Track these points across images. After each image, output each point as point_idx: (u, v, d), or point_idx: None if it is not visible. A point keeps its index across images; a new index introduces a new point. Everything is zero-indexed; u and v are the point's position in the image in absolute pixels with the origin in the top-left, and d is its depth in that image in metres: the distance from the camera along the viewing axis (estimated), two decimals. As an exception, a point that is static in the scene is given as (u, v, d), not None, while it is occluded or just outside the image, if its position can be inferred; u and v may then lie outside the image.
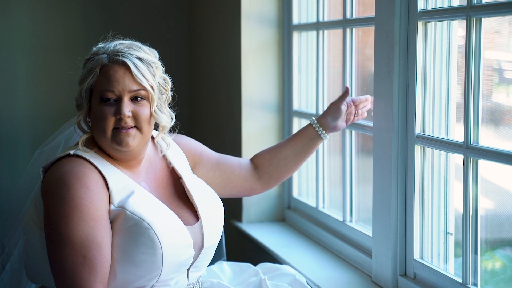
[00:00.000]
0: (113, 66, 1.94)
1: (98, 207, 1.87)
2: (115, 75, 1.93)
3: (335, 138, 2.85)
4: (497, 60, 2.02)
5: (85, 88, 1.96)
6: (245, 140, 3.10)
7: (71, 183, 1.87)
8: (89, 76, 1.95)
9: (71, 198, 1.85)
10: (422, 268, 2.16)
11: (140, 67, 1.95)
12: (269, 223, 3.13)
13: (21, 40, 3.66)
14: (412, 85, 2.16)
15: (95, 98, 1.95)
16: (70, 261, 1.83)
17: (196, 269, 2.06)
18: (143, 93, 1.95)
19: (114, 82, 1.92)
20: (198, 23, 3.72)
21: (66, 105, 3.70)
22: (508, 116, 2.01)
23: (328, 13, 2.84)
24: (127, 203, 1.91)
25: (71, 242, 1.83)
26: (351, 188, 2.66)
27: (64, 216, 1.84)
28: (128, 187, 1.95)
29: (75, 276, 1.82)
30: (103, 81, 1.94)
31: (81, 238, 1.83)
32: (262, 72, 3.10)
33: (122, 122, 1.92)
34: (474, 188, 1.95)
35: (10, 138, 3.67)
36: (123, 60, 1.93)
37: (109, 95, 1.93)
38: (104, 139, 1.95)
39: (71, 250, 1.83)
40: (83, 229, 1.84)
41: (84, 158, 1.93)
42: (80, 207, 1.85)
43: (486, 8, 1.89)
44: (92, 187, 1.88)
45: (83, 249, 1.83)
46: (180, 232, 1.96)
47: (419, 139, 2.15)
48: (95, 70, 1.94)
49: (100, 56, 1.96)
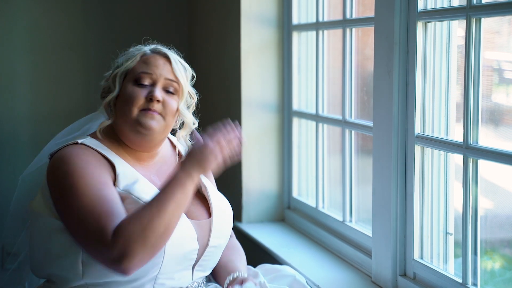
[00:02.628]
0: (155, 55, 2.04)
1: (102, 175, 1.90)
2: (155, 62, 2.03)
3: (335, 138, 2.86)
4: (497, 60, 2.02)
5: (121, 71, 2.02)
6: (244, 140, 3.10)
7: (71, 159, 1.90)
8: (128, 61, 2.03)
9: (73, 170, 1.88)
10: (422, 268, 2.16)
11: (178, 64, 2.06)
12: (269, 223, 3.13)
13: (21, 40, 3.66)
14: (411, 85, 2.16)
15: (129, 81, 2.01)
16: (89, 223, 1.82)
17: (201, 268, 2.05)
18: (176, 86, 2.03)
19: (153, 67, 2.01)
20: (198, 23, 3.72)
21: (66, 105, 3.71)
22: (507, 116, 2.01)
23: (328, 13, 2.84)
24: (133, 188, 1.94)
25: (83, 207, 1.83)
26: (350, 188, 2.66)
27: (71, 188, 1.86)
28: (133, 176, 1.98)
29: (97, 228, 1.81)
30: (142, 66, 2.02)
31: (92, 200, 1.84)
32: (262, 72, 3.10)
33: (151, 105, 1.98)
34: (473, 188, 1.95)
35: (10, 138, 3.67)
36: (165, 53, 2.05)
37: (145, 78, 2.01)
38: (128, 120, 1.98)
39: (85, 214, 1.83)
40: (91, 192, 1.85)
41: (91, 147, 1.97)
42: (83, 175, 1.87)
43: (485, 8, 1.89)
44: (92, 161, 1.92)
45: (96, 207, 1.83)
46: (181, 222, 1.96)
47: (419, 139, 2.15)
48: (135, 57, 2.03)
49: (141, 48, 2.07)
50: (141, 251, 1.78)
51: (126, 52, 2.09)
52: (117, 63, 2.06)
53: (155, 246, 1.81)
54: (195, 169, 1.87)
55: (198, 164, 1.87)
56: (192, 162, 1.87)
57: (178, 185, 1.84)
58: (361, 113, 2.63)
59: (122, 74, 2.02)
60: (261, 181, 3.14)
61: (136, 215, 1.80)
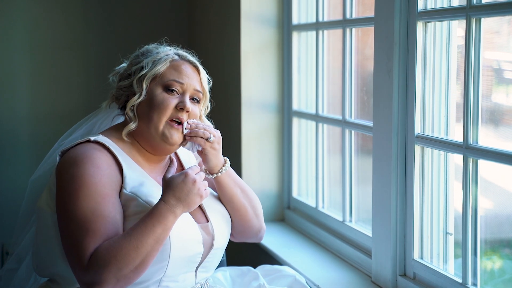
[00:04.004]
0: (184, 62, 2.06)
1: (107, 186, 1.89)
2: (186, 70, 2.04)
3: (334, 138, 2.86)
4: (497, 60, 2.02)
5: (151, 75, 2.01)
6: (244, 140, 3.11)
7: (82, 163, 1.90)
8: (158, 65, 2.02)
9: (80, 176, 1.88)
10: (422, 268, 2.16)
11: (204, 73, 2.10)
12: (268, 223, 3.12)
13: (21, 39, 3.66)
14: (411, 85, 2.16)
15: (157, 85, 2.01)
16: (74, 236, 1.83)
17: (204, 270, 2.05)
18: (200, 96, 2.07)
19: (184, 76, 2.03)
20: (198, 23, 3.72)
21: (67, 106, 3.71)
22: (507, 116, 2.01)
23: (328, 13, 2.84)
24: (140, 190, 1.94)
25: (75, 217, 1.84)
26: (350, 188, 2.66)
27: (71, 194, 1.86)
28: (141, 178, 1.98)
29: (78, 245, 1.82)
30: (173, 72, 2.03)
31: (86, 213, 1.84)
32: (262, 72, 3.10)
33: (180, 114, 1.99)
34: (473, 188, 1.95)
35: (9, 138, 3.67)
36: (195, 63, 2.08)
37: (176, 87, 2.02)
38: (152, 127, 1.99)
39: (75, 225, 1.84)
40: (88, 205, 1.85)
41: (102, 144, 1.97)
42: (87, 184, 1.87)
43: (485, 8, 1.89)
44: (103, 167, 1.91)
45: (86, 223, 1.83)
46: (189, 226, 1.97)
47: (419, 139, 2.15)
48: (165, 61, 2.03)
49: (164, 49, 2.07)
50: (113, 282, 1.80)
51: (147, 51, 2.06)
52: (140, 64, 2.03)
53: (128, 278, 1.82)
54: (179, 207, 1.88)
55: (183, 204, 1.88)
56: (176, 199, 1.87)
57: (159, 221, 1.84)
58: (361, 113, 2.63)
59: (150, 77, 2.01)
60: (261, 181, 3.14)
61: (114, 244, 1.81)
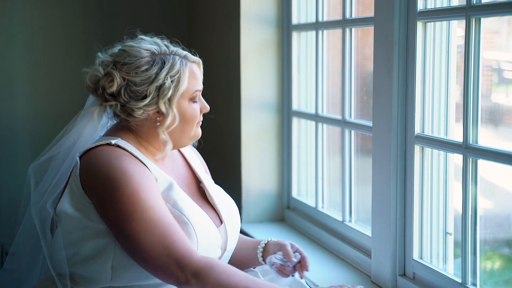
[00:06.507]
0: (193, 64, 1.98)
1: (155, 186, 1.87)
2: (198, 73, 1.99)
3: (334, 138, 2.86)
4: (497, 60, 2.02)
5: (178, 94, 1.92)
6: (244, 140, 3.11)
7: (118, 166, 1.83)
8: (181, 80, 1.92)
9: (125, 180, 1.81)
10: (422, 268, 2.16)
11: None
12: (268, 223, 3.13)
13: (21, 39, 3.66)
14: (411, 85, 2.16)
15: (183, 100, 1.94)
16: (163, 239, 1.79)
17: None
18: None
19: (200, 80, 1.99)
20: (197, 23, 3.72)
21: (66, 105, 3.71)
22: (507, 116, 2.01)
23: (328, 13, 2.84)
24: (169, 195, 1.90)
25: (158, 223, 1.79)
26: (350, 188, 2.66)
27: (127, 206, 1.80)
28: (166, 180, 1.94)
29: (166, 238, 1.79)
30: (193, 82, 1.96)
31: (156, 210, 1.81)
32: (262, 72, 3.10)
33: (201, 116, 2.00)
34: (473, 188, 1.95)
35: (10, 138, 3.67)
36: (199, 61, 2.00)
37: (198, 94, 1.99)
38: (185, 137, 1.97)
39: (159, 230, 1.79)
40: (154, 201, 1.81)
41: (125, 149, 1.91)
42: (140, 190, 1.81)
43: (485, 8, 1.89)
44: (142, 170, 1.86)
45: (163, 218, 1.80)
46: (213, 232, 1.95)
47: (419, 139, 2.15)
48: (184, 73, 1.93)
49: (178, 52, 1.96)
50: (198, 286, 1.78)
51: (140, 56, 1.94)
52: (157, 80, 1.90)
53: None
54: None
55: None
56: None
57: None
58: (360, 113, 2.63)
59: (178, 96, 1.93)
60: (260, 181, 3.14)
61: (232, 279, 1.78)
